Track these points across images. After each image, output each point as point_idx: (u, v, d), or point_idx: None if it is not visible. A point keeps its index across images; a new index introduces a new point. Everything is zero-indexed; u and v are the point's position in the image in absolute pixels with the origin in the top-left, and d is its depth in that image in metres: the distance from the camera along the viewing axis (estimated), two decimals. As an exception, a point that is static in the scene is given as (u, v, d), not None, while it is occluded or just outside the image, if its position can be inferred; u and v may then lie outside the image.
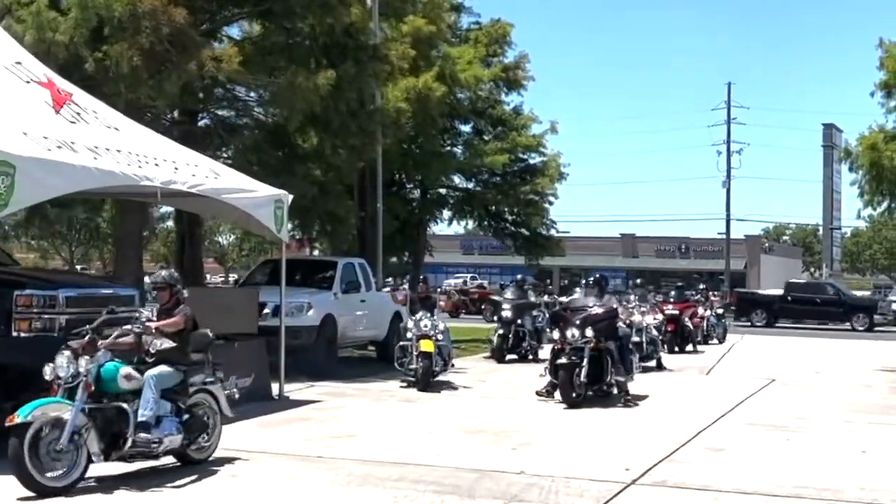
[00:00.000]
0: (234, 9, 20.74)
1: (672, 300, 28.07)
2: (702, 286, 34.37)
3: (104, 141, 12.18)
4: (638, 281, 26.63)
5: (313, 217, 22.72)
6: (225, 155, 21.23)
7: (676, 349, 26.28)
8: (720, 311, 35.00)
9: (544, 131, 33.55)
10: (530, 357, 22.62)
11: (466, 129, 34.21)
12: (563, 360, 15.29)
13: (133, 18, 16.78)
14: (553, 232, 35.29)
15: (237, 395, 10.99)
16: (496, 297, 25.16)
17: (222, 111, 22.43)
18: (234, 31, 22.78)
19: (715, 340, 31.21)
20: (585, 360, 15.27)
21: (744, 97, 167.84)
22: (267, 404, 14.71)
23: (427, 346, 16.94)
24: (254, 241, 74.41)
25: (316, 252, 39.08)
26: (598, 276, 17.53)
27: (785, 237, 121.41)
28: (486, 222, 34.92)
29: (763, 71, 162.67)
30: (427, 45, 28.87)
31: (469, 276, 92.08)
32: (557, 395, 15.43)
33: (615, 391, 15.86)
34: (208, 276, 78.76)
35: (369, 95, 21.13)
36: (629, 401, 15.59)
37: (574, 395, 15.12)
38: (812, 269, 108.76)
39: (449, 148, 33.20)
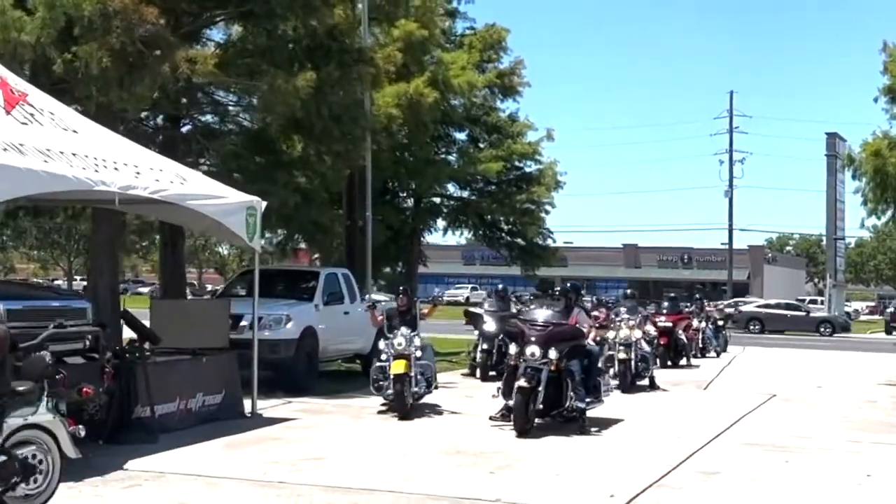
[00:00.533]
0: (216, 10, 19.99)
1: (665, 312, 26.47)
2: (696, 297, 32.73)
3: (59, 143, 11.45)
4: (628, 292, 25.17)
5: (296, 226, 21.94)
6: (209, 162, 20.56)
7: (669, 363, 24.93)
8: (720, 322, 34.19)
9: (540, 139, 32.86)
10: None
11: (462, 136, 33.51)
12: (523, 382, 13.34)
13: (104, 18, 16.05)
14: (550, 242, 34.48)
15: (82, 433, 8.92)
16: (476, 310, 23.56)
17: (205, 116, 21.85)
18: (219, 35, 22.07)
19: (712, 353, 30.13)
20: (542, 385, 13.45)
21: (746, 106, 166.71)
22: (238, 423, 13.93)
23: (400, 367, 14.91)
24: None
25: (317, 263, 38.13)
26: (567, 285, 15.65)
27: (788, 247, 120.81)
28: (480, 232, 34.07)
29: (765, 79, 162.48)
30: (419, 50, 28.19)
31: (470, 286, 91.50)
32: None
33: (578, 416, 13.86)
34: (208, 287, 78.22)
35: (354, 99, 20.39)
36: (585, 428, 13.69)
37: (528, 423, 13.29)
38: (816, 280, 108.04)
39: (443, 156, 32.49)
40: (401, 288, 17.22)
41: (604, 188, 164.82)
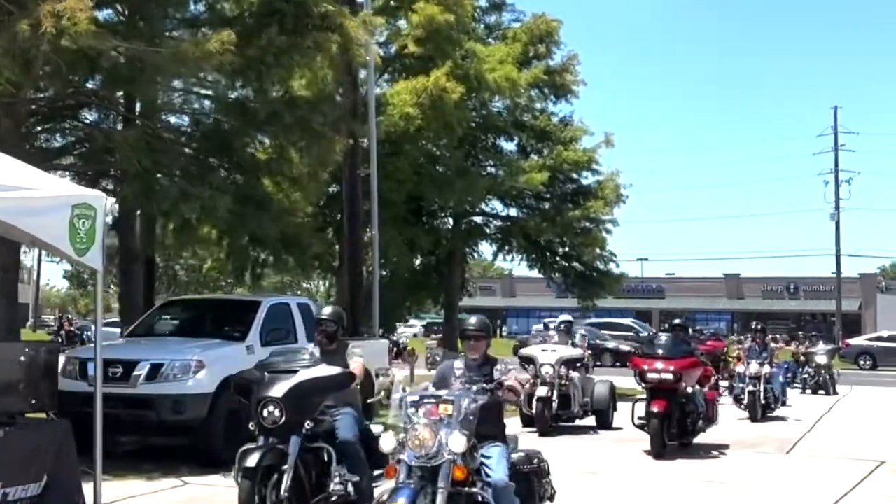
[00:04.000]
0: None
1: (661, 354, 14.97)
2: (758, 325, 22.92)
3: None
4: (547, 325, 16.78)
5: (240, 238, 17.25)
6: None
7: (674, 441, 14.84)
8: (822, 359, 28.52)
9: (597, 145, 27.80)
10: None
11: (510, 146, 28.77)
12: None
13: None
14: (612, 266, 29.10)
15: None
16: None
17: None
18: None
19: (779, 410, 21.34)
20: None
21: (852, 122, 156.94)
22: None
23: None
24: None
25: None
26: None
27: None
28: (533, 256, 28.97)
29: (872, 93, 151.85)
30: (445, 39, 23.80)
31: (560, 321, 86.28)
32: None
33: None
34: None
35: (317, 78, 15.91)
36: None
37: None
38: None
39: (490, 168, 27.80)
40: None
41: (700, 213, 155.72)
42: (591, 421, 18.05)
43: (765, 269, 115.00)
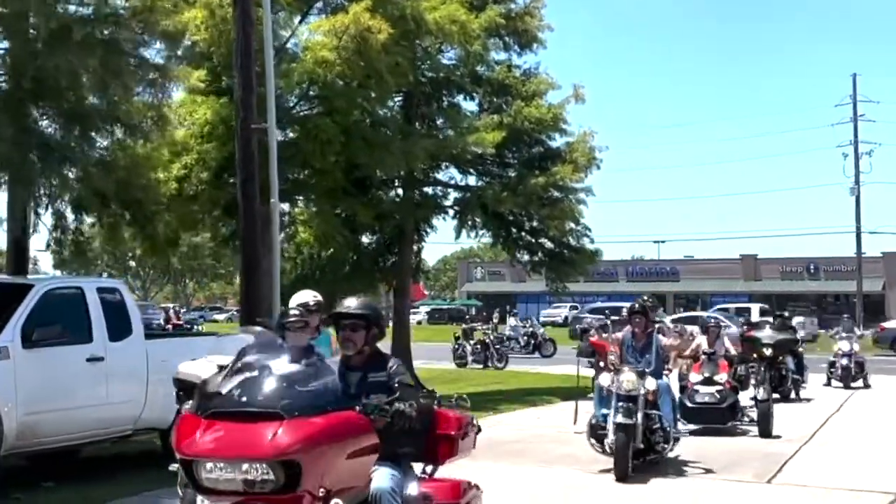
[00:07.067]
0: None
1: (244, 403, 5.24)
2: (647, 301, 13.42)
3: None
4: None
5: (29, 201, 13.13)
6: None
7: None
8: (767, 351, 20.05)
9: (565, 100, 23.69)
10: None
11: (472, 106, 24.71)
12: None
13: None
14: (586, 242, 24.86)
15: None
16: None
17: None
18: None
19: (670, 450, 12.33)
20: None
21: (872, 90, 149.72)
22: None
23: None
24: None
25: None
26: None
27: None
28: (501, 232, 24.81)
29: (894, 59, 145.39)
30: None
31: (569, 305, 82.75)
32: None
33: None
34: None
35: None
36: None
37: None
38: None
39: (441, 129, 23.79)
40: None
41: (715, 190, 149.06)
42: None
43: (783, 249, 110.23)
